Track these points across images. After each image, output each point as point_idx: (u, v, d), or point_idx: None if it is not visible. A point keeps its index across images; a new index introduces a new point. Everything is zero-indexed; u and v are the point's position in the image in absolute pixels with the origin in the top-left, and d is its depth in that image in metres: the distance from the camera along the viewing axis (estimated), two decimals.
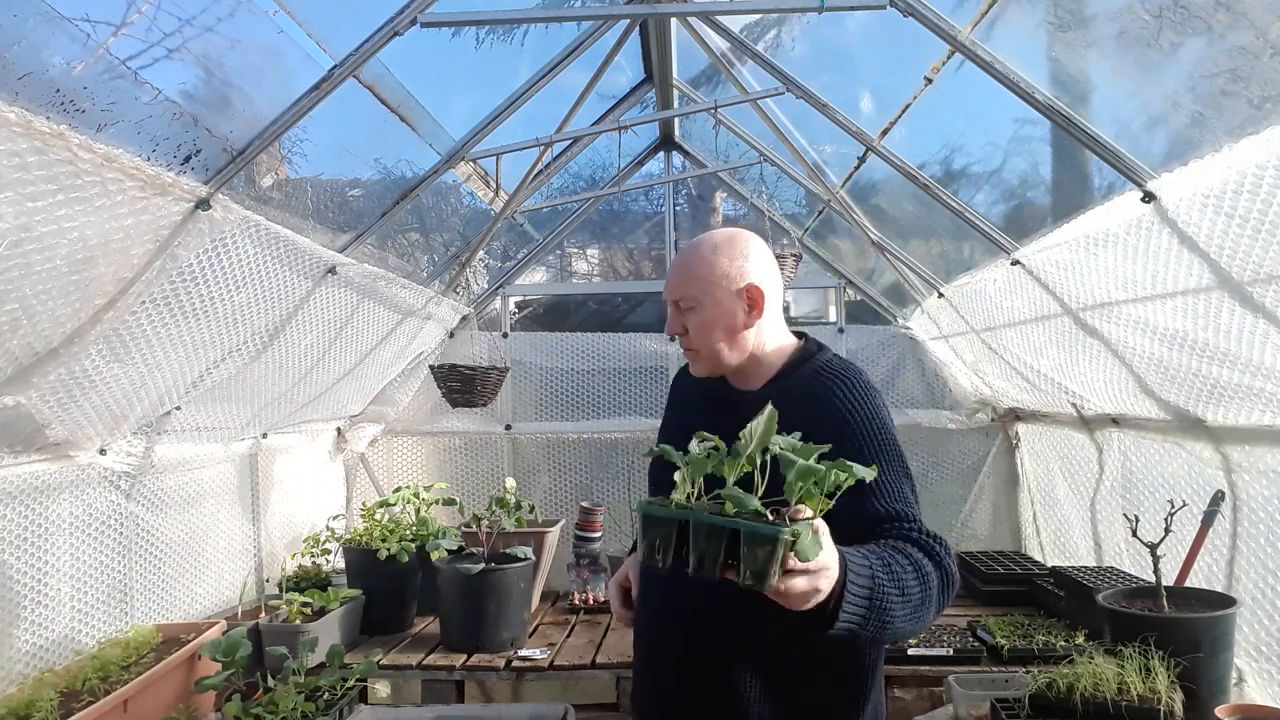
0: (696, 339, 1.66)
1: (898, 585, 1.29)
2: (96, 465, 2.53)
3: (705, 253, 1.65)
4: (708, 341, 1.64)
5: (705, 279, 1.63)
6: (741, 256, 1.64)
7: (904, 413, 4.26)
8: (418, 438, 4.50)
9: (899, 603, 1.28)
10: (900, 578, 1.30)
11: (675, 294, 1.67)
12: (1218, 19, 1.71)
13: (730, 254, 1.64)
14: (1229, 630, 1.92)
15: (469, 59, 3.06)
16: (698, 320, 1.64)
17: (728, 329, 1.63)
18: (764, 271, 1.65)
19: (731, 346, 1.65)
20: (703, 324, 1.64)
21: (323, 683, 2.29)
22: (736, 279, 1.62)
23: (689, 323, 1.66)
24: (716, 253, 1.64)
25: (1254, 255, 1.79)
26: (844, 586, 1.20)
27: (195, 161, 2.06)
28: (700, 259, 1.65)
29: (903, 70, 2.72)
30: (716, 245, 1.65)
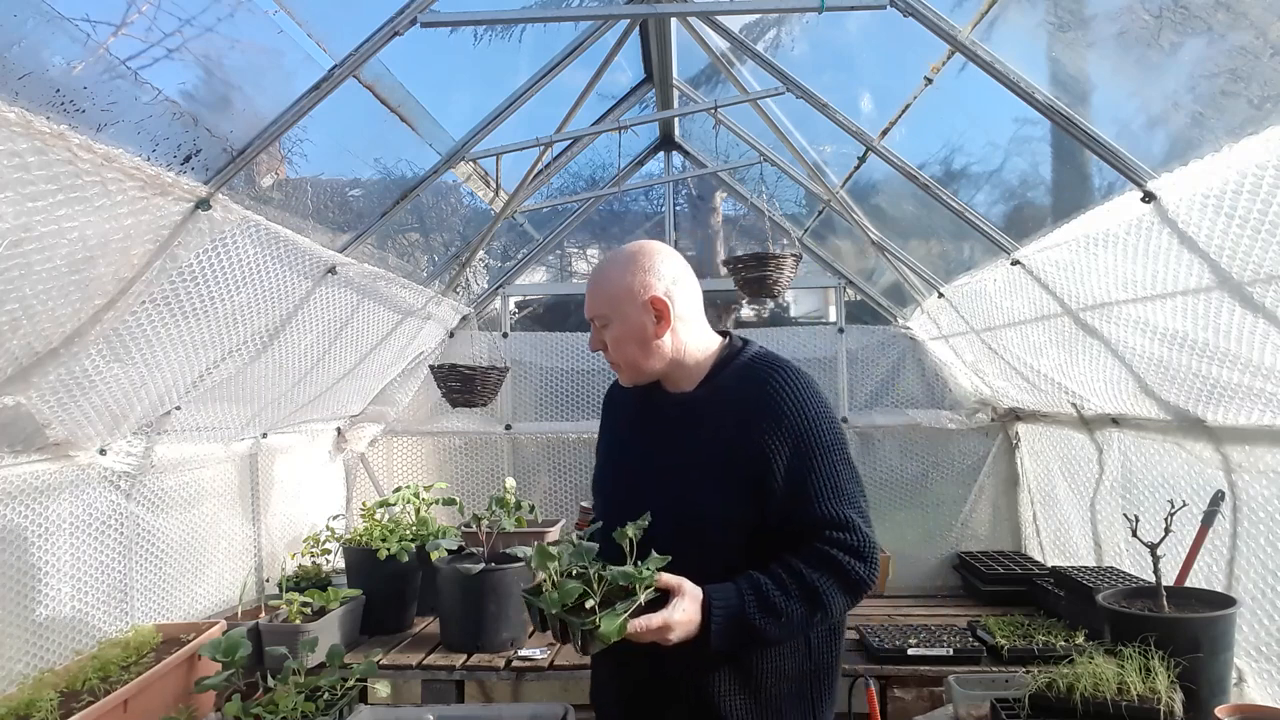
0: (615, 353, 1.75)
1: (772, 611, 1.53)
2: (96, 465, 2.53)
3: (610, 271, 1.74)
4: (625, 354, 1.73)
5: (612, 296, 1.72)
6: (644, 270, 1.70)
7: (904, 413, 4.26)
8: (418, 438, 4.50)
9: (773, 623, 1.54)
10: (775, 603, 1.54)
11: (590, 313, 1.77)
12: (1218, 19, 1.71)
13: (633, 269, 1.71)
14: (1229, 630, 1.92)
15: (469, 59, 3.06)
16: (612, 336, 1.73)
17: (640, 341, 1.71)
18: (669, 282, 1.71)
19: (648, 356, 1.72)
20: (617, 339, 1.73)
21: (323, 683, 2.29)
22: (640, 293, 1.69)
23: (606, 338, 1.75)
24: (620, 269, 1.72)
25: (1254, 255, 1.79)
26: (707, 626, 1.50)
27: (195, 161, 2.06)
28: (606, 278, 1.74)
29: (903, 70, 2.72)
30: (621, 262, 1.73)
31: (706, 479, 1.63)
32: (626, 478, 1.77)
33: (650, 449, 1.75)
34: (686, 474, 1.65)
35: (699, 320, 1.75)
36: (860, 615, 3.53)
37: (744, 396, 1.66)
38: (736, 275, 3.28)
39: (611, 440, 1.91)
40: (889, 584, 3.98)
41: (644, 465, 1.75)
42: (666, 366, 1.73)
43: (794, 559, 1.58)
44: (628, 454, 1.82)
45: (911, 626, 3.14)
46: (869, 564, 1.59)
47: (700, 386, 1.74)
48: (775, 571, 1.57)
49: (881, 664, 2.88)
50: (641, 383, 1.78)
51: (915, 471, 4.24)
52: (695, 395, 1.74)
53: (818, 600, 1.55)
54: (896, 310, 4.41)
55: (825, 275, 4.54)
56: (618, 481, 1.80)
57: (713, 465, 1.64)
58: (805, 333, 4.48)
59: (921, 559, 4.16)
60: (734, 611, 1.52)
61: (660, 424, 1.76)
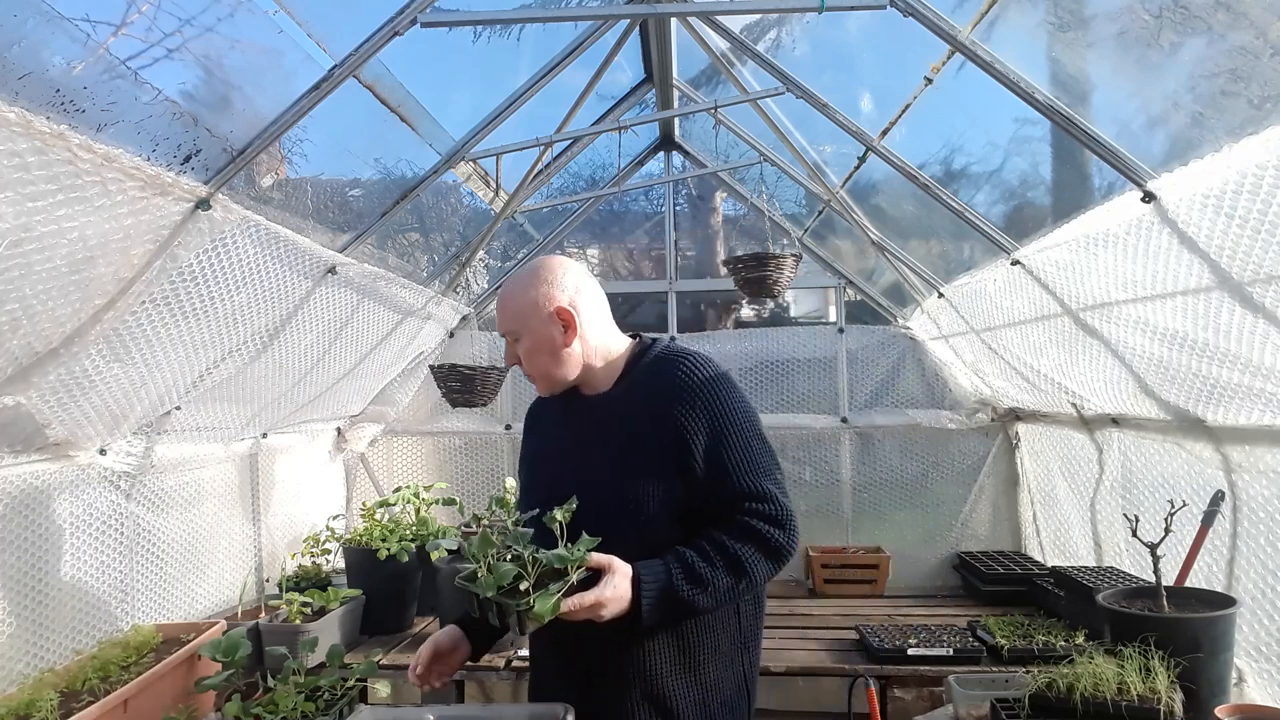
0: (529, 365, 1.83)
1: (699, 582, 1.61)
2: (96, 465, 2.53)
3: (515, 288, 1.82)
4: (538, 366, 1.81)
5: (519, 311, 1.80)
6: (546, 284, 1.79)
7: (904, 413, 4.26)
8: (418, 438, 4.50)
9: (701, 594, 1.61)
10: (702, 575, 1.61)
11: (501, 329, 1.85)
12: (1218, 19, 1.71)
13: (535, 284, 1.79)
14: (1229, 630, 1.92)
15: (469, 59, 3.06)
16: (524, 349, 1.81)
17: (550, 351, 1.79)
18: (573, 292, 1.79)
19: (559, 365, 1.80)
20: (528, 351, 1.81)
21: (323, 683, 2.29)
22: (545, 305, 1.77)
23: (519, 353, 1.83)
24: (524, 286, 1.80)
25: (1254, 255, 1.79)
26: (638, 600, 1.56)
27: (195, 161, 2.06)
28: (512, 294, 1.82)
29: (903, 70, 2.72)
30: (524, 279, 1.81)
31: (632, 466, 1.72)
32: (555, 479, 1.80)
33: (575, 448, 1.82)
34: (613, 464, 1.73)
35: (606, 324, 1.85)
36: (860, 615, 3.54)
37: (658, 387, 1.75)
38: (736, 275, 3.28)
39: (537, 452, 1.96)
40: (889, 584, 3.98)
41: (571, 464, 1.80)
42: (580, 372, 1.82)
43: (717, 532, 1.67)
44: (554, 459, 1.87)
45: (911, 626, 3.14)
46: (788, 531, 1.69)
47: (616, 385, 1.83)
48: (700, 545, 1.65)
49: (881, 664, 2.88)
50: (557, 391, 1.85)
51: (915, 471, 4.24)
52: (613, 393, 1.83)
53: (742, 569, 1.64)
54: (896, 310, 4.41)
55: (825, 275, 4.54)
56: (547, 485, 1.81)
57: (637, 452, 1.72)
58: (805, 333, 4.48)
59: (921, 559, 4.16)
60: (663, 585, 1.59)
61: (582, 425, 1.83)
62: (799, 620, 3.54)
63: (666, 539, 1.67)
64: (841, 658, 3.01)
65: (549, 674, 1.86)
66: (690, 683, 1.71)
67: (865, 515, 4.26)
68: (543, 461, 1.92)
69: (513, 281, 1.84)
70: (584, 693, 1.73)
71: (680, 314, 4.61)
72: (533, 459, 1.97)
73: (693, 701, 1.71)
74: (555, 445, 1.89)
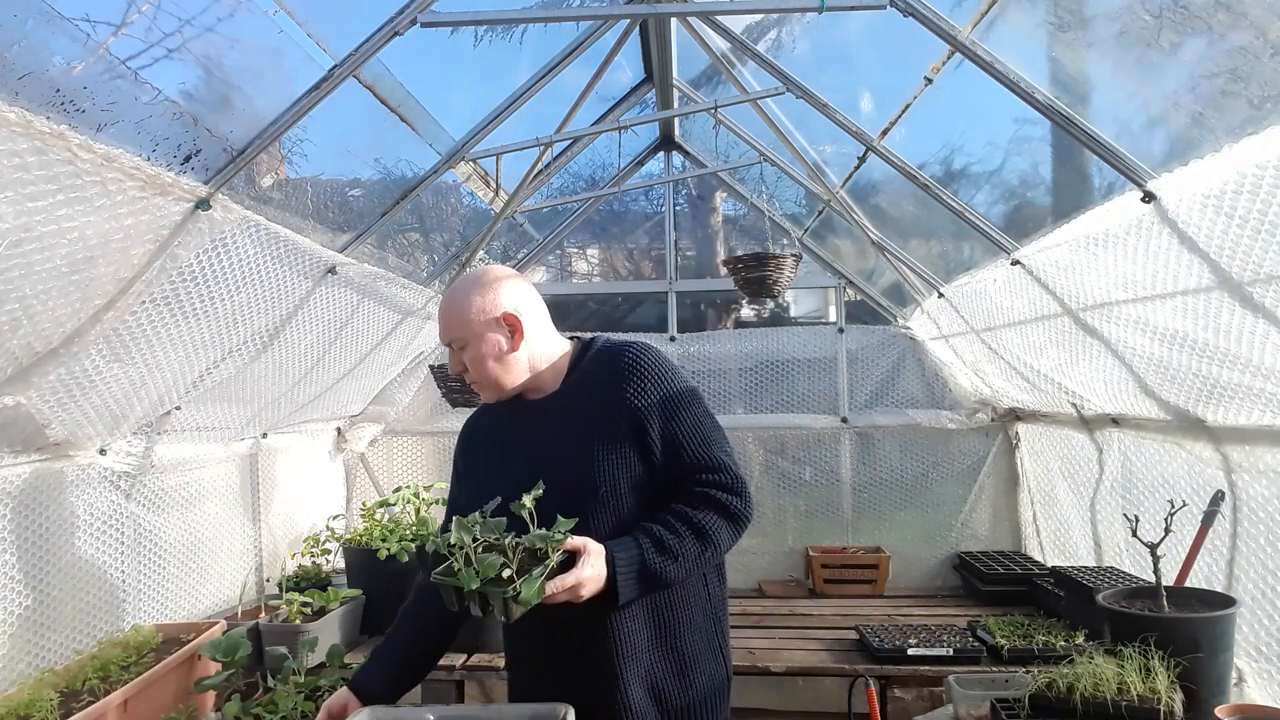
0: (475, 372, 1.82)
1: (668, 553, 1.66)
2: (96, 465, 2.53)
3: (458, 295, 1.81)
4: (485, 372, 1.81)
5: (465, 319, 1.79)
6: (492, 290, 1.81)
7: (904, 413, 4.26)
8: (418, 438, 4.50)
9: (671, 565, 1.66)
10: (670, 546, 1.66)
11: (445, 337, 1.84)
12: (1218, 19, 1.71)
13: (481, 290, 1.80)
14: (1229, 630, 1.92)
15: (469, 59, 3.06)
16: (470, 356, 1.80)
17: (497, 357, 1.80)
18: (515, 299, 1.81)
19: (507, 370, 1.81)
20: (475, 358, 1.80)
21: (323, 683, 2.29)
22: (491, 310, 1.79)
23: (465, 360, 1.82)
24: (467, 293, 1.81)
25: (1254, 255, 1.79)
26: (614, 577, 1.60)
27: (195, 161, 2.06)
28: (457, 301, 1.81)
29: (903, 70, 2.72)
30: (468, 286, 1.82)
31: (595, 453, 1.75)
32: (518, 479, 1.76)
33: (534, 447, 1.82)
34: (576, 454, 1.76)
35: (548, 328, 1.88)
36: (860, 615, 3.54)
37: (606, 377, 1.80)
38: (736, 275, 3.28)
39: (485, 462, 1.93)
40: (889, 584, 3.98)
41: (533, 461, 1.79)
42: (526, 378, 1.83)
43: (677, 504, 1.73)
44: (512, 461, 1.85)
45: (911, 626, 3.14)
46: (744, 498, 1.75)
47: (564, 383, 1.85)
48: (664, 518, 1.70)
49: (881, 664, 2.89)
50: (504, 397, 1.85)
51: (915, 471, 4.24)
52: (563, 390, 1.85)
53: (706, 536, 1.70)
54: (896, 310, 4.41)
55: (825, 275, 4.54)
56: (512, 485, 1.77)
57: (596, 439, 1.76)
58: (805, 333, 4.48)
59: (921, 559, 4.16)
60: (635, 561, 1.64)
61: (536, 425, 1.84)
62: (799, 620, 3.54)
63: (634, 518, 1.72)
64: (841, 658, 3.01)
65: (531, 663, 1.86)
66: (668, 655, 1.77)
67: (865, 515, 4.26)
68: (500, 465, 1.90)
69: (454, 290, 1.84)
70: (569, 675, 1.74)
71: (680, 314, 4.61)
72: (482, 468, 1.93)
73: (675, 673, 1.76)
74: (509, 450, 1.87)
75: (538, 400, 1.86)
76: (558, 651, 1.77)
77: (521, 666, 1.91)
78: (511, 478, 1.77)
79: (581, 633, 1.73)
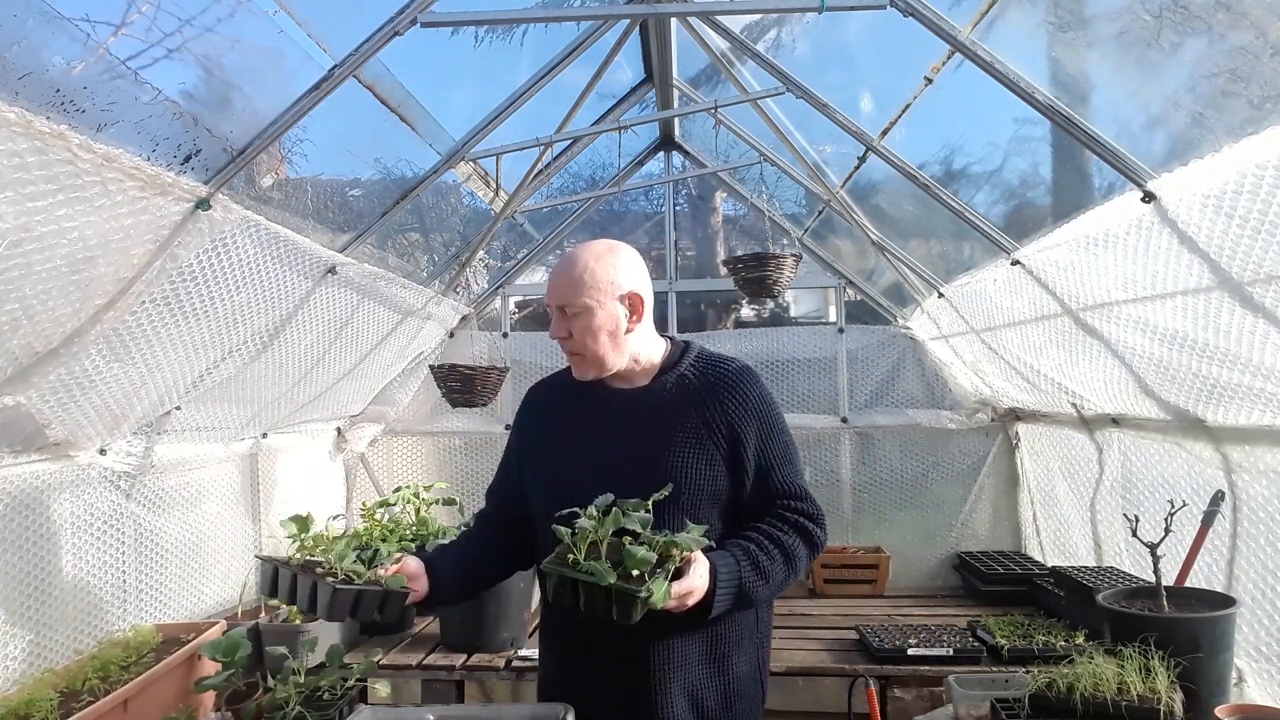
0: (582, 343, 1.76)
1: (762, 574, 1.67)
2: (96, 465, 2.53)
3: (590, 261, 1.75)
4: (593, 346, 1.75)
5: (591, 286, 1.73)
6: (622, 264, 1.77)
7: (904, 413, 4.26)
8: (418, 438, 4.50)
9: (762, 585, 1.68)
10: (764, 567, 1.68)
11: (561, 300, 1.76)
12: (1218, 19, 1.71)
13: (613, 263, 1.76)
14: (1229, 630, 1.92)
15: (469, 59, 3.06)
16: (582, 325, 1.74)
17: (612, 333, 1.75)
18: (641, 280, 1.79)
19: (616, 349, 1.77)
20: (588, 328, 1.74)
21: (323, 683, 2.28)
22: (620, 285, 1.74)
23: (574, 328, 1.75)
24: (600, 261, 1.75)
25: (1254, 255, 1.79)
26: (714, 590, 1.58)
27: (195, 161, 2.06)
28: (585, 267, 1.74)
29: (903, 70, 2.72)
30: (599, 254, 1.76)
31: (688, 459, 1.73)
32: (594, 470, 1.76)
33: (619, 440, 1.78)
34: (669, 456, 1.73)
35: (651, 322, 1.85)
36: (860, 615, 3.53)
37: (711, 385, 1.80)
38: (736, 275, 3.28)
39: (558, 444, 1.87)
40: (889, 584, 3.98)
41: (617, 456, 1.76)
42: (626, 363, 1.79)
43: (769, 525, 1.74)
44: (591, 450, 1.80)
45: (911, 626, 3.14)
46: (823, 528, 1.80)
47: (656, 380, 1.82)
48: (756, 537, 1.71)
49: (881, 664, 2.89)
50: (598, 376, 1.80)
51: (915, 471, 4.24)
52: (656, 387, 1.82)
53: (792, 562, 1.72)
54: (896, 310, 4.41)
55: (825, 275, 4.54)
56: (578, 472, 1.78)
57: (690, 447, 1.74)
58: (805, 333, 4.48)
59: (921, 559, 4.16)
60: (734, 576, 1.63)
61: (622, 418, 1.80)
62: (799, 620, 3.54)
63: (714, 526, 1.72)
64: (841, 658, 3.01)
65: (574, 665, 1.81)
66: (715, 673, 1.75)
67: (865, 515, 4.26)
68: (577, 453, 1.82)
69: (584, 254, 1.76)
70: (616, 681, 1.72)
71: (680, 314, 4.61)
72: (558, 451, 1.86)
73: (718, 691, 1.75)
74: (592, 438, 1.81)
75: (626, 391, 1.82)
76: (608, 658, 1.74)
77: (563, 668, 1.85)
78: (594, 468, 1.75)
79: (635, 642, 1.69)
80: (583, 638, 1.77)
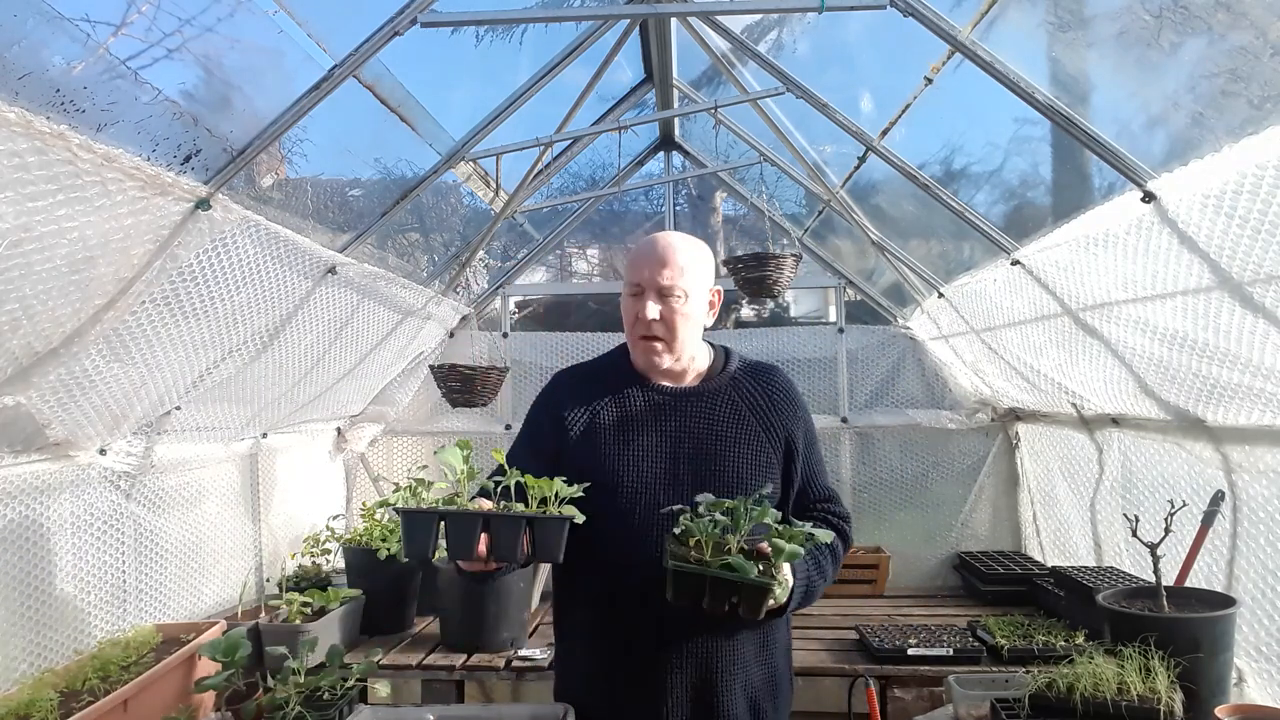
0: (670, 327, 1.71)
1: (821, 574, 1.76)
2: (96, 465, 2.53)
3: (693, 249, 1.75)
4: (680, 332, 1.72)
5: (694, 273, 1.72)
6: (713, 262, 1.83)
7: (904, 413, 4.26)
8: (418, 438, 4.50)
9: (821, 583, 1.76)
10: (823, 568, 1.77)
11: (667, 280, 1.70)
12: (1218, 19, 1.71)
13: (708, 257, 1.81)
14: (1229, 630, 1.92)
15: (469, 59, 3.06)
16: (678, 309, 1.70)
17: (696, 324, 1.75)
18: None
19: (691, 340, 1.77)
20: (682, 314, 1.71)
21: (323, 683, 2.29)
22: (711, 280, 1.78)
23: (667, 309, 1.70)
24: (702, 252, 1.77)
25: (1254, 255, 1.79)
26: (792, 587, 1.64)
27: (195, 161, 2.05)
28: (691, 254, 1.73)
29: (903, 70, 2.72)
30: (698, 245, 1.78)
31: (752, 461, 1.78)
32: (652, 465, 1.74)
33: (678, 438, 1.77)
34: (735, 458, 1.76)
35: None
36: (860, 615, 3.53)
37: (764, 390, 1.85)
38: (736, 275, 3.28)
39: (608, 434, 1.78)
40: (889, 584, 3.98)
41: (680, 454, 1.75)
42: (688, 357, 1.80)
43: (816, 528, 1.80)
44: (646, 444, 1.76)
45: (911, 626, 3.15)
46: (852, 527, 1.94)
47: (706, 382, 1.83)
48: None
49: (881, 664, 2.89)
50: (664, 367, 1.77)
51: (915, 471, 4.24)
52: (710, 390, 1.81)
53: (837, 560, 1.83)
54: (896, 310, 4.40)
55: (825, 275, 4.54)
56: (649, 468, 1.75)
57: (755, 450, 1.78)
58: (805, 333, 4.48)
59: (921, 559, 4.16)
60: (805, 573, 1.69)
61: (674, 416, 1.79)
62: (799, 620, 3.54)
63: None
64: (841, 658, 3.01)
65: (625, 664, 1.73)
66: (766, 672, 1.79)
67: (865, 515, 4.26)
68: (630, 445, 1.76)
69: (685, 241, 1.75)
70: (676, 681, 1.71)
71: None
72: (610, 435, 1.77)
73: (768, 689, 1.79)
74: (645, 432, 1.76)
75: (682, 390, 1.80)
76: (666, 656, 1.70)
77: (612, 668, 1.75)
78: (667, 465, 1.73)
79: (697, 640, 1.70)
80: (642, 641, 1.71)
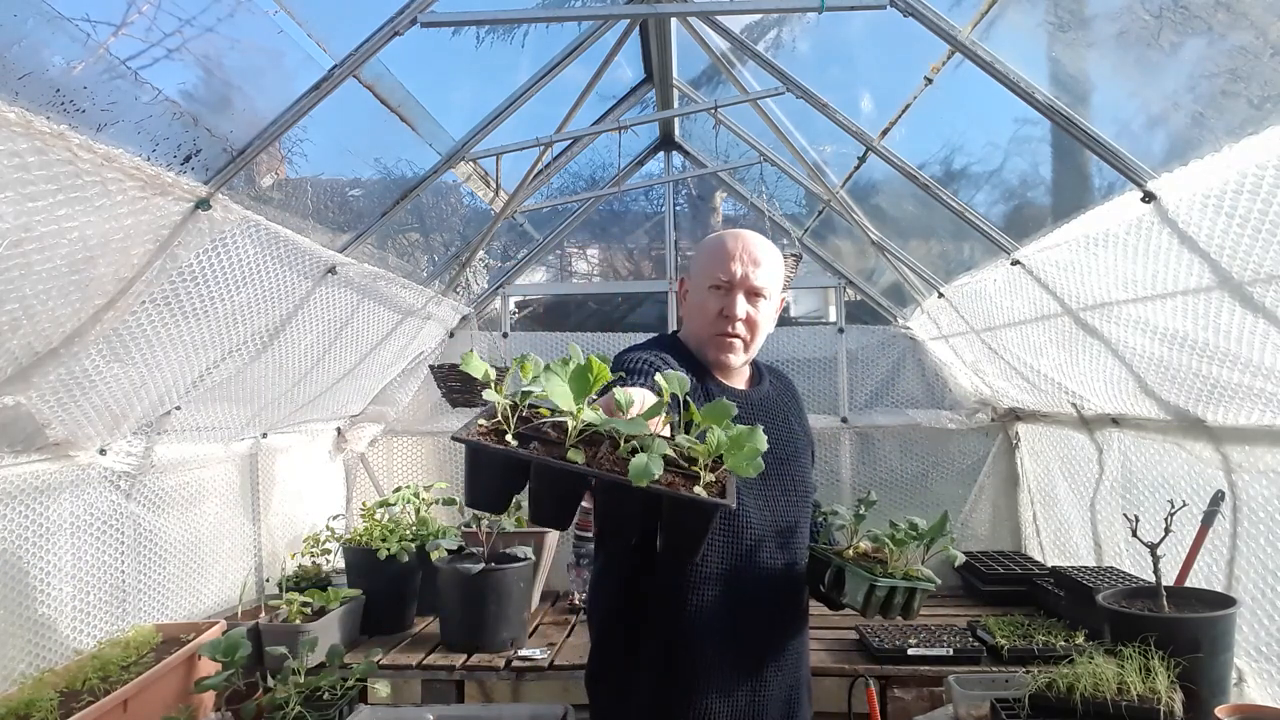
0: (752, 328, 1.73)
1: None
2: (96, 465, 2.53)
3: (779, 257, 1.77)
4: (759, 332, 1.75)
5: (779, 280, 1.76)
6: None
7: (904, 413, 4.26)
8: (418, 438, 4.50)
9: None
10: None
11: (759, 281, 1.70)
12: (1218, 19, 1.71)
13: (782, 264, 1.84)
14: (1229, 630, 1.92)
15: (469, 59, 3.06)
16: (763, 311, 1.73)
17: (768, 330, 1.79)
18: None
19: (761, 340, 1.79)
20: (765, 316, 1.75)
21: (323, 683, 2.29)
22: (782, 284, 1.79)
23: (753, 309, 1.71)
24: (781, 259, 1.80)
25: (1254, 255, 1.79)
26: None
27: (195, 161, 2.06)
28: (778, 261, 1.76)
29: (903, 70, 2.72)
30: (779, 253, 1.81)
31: (808, 464, 1.89)
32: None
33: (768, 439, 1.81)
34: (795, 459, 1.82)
35: None
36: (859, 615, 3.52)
37: (792, 394, 1.95)
38: None
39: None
40: None
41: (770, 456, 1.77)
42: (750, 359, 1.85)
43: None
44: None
45: (911, 626, 3.14)
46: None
47: (753, 386, 1.87)
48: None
49: (881, 664, 2.89)
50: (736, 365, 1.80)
51: (915, 471, 4.23)
52: (763, 392, 1.86)
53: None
54: (896, 310, 4.40)
55: (825, 275, 4.54)
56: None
57: (807, 452, 1.89)
58: (805, 333, 4.48)
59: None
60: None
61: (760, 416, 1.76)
62: None
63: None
64: (841, 658, 3.01)
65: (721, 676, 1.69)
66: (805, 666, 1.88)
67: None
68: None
69: (771, 246, 1.77)
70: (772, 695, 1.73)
71: (680, 314, 4.60)
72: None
73: (808, 687, 1.88)
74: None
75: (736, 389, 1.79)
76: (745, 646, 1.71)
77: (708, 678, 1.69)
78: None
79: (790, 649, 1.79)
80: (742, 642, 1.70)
